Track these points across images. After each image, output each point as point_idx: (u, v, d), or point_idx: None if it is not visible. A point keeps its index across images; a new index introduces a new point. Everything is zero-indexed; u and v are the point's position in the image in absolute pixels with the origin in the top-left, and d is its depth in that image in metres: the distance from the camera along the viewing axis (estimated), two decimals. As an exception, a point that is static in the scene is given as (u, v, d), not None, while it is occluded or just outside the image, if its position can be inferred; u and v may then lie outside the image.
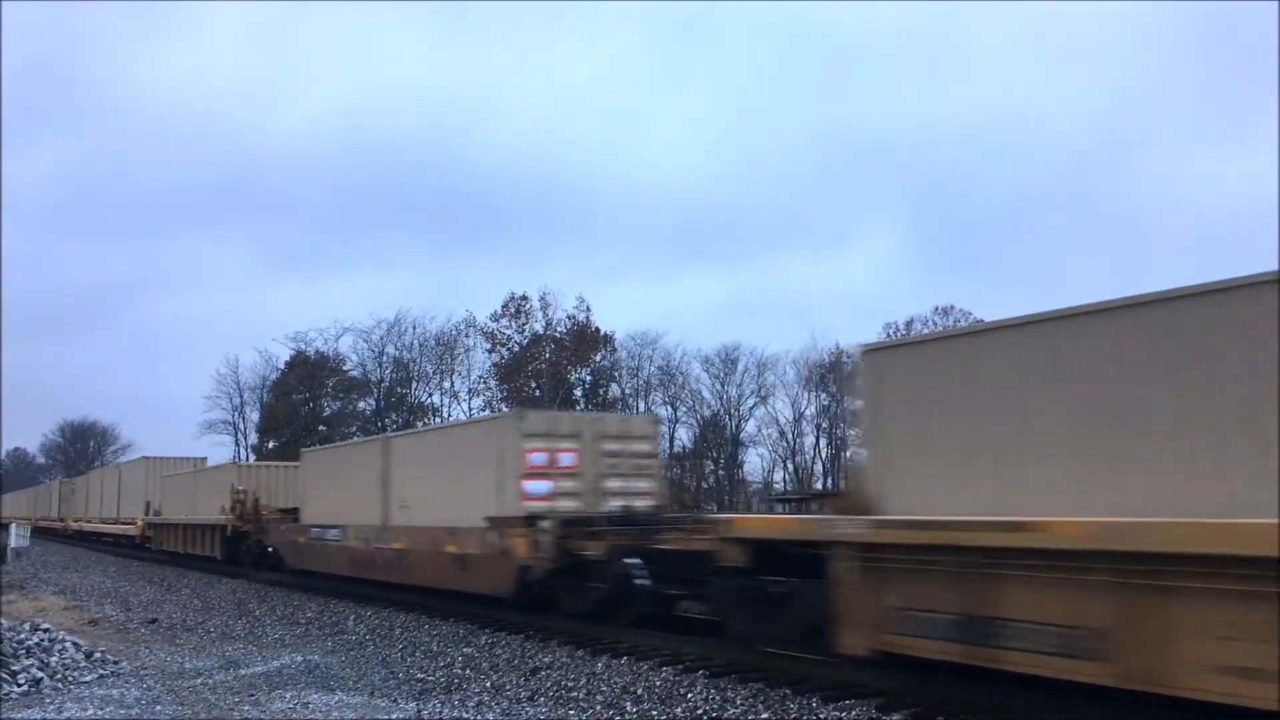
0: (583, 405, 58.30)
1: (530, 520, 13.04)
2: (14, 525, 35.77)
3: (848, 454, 60.24)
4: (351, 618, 15.25)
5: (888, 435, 8.72)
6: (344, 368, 65.07)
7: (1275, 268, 6.30)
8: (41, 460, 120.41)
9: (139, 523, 34.40)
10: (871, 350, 9.40)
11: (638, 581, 11.91)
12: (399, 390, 64.32)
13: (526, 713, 8.68)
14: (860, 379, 9.27)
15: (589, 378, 62.30)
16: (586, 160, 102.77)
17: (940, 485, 8.11)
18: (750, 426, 61.11)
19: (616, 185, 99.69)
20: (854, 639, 8.35)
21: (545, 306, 62.57)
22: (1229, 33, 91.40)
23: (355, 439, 43.11)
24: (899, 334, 59.28)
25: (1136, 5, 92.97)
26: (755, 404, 60.70)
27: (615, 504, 13.95)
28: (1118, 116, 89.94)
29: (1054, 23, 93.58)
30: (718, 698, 8.71)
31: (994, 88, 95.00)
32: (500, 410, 59.15)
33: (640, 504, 14.16)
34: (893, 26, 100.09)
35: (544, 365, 61.40)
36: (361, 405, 64.51)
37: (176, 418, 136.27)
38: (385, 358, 64.07)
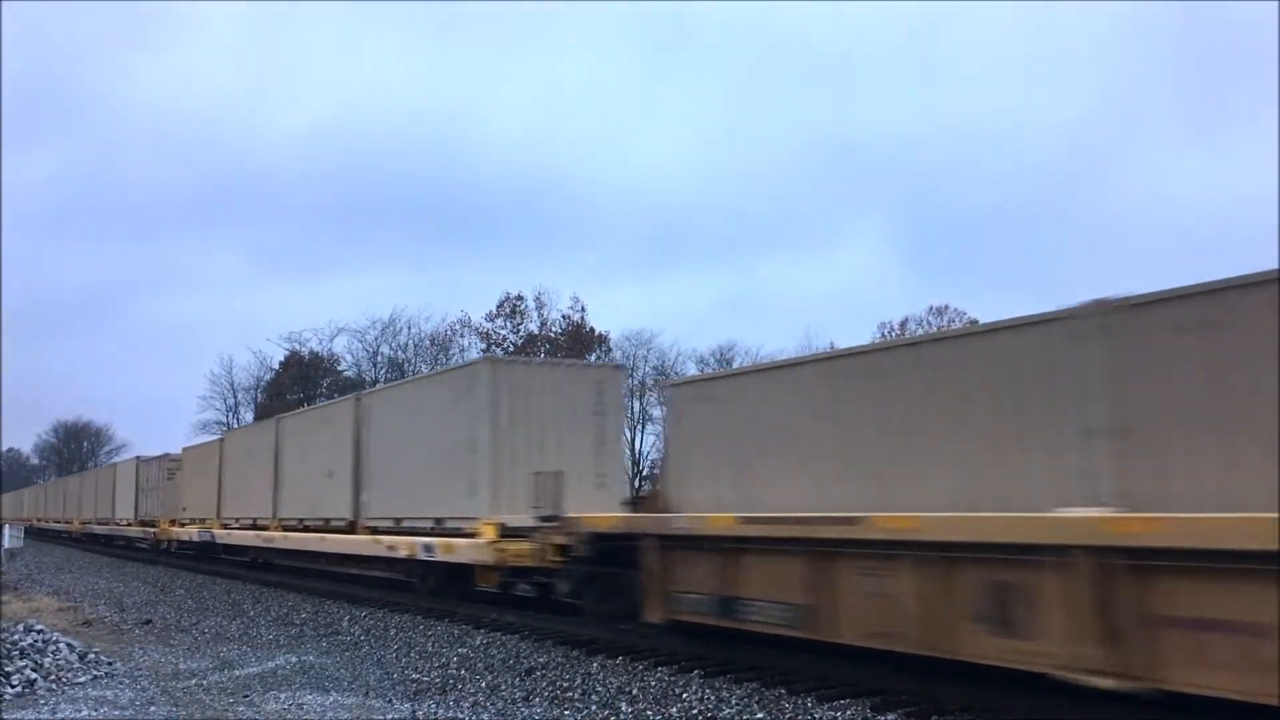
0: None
1: None
2: (8, 526, 35.65)
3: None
4: (346, 619, 15.24)
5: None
6: (338, 368, 64.99)
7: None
8: (35, 461, 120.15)
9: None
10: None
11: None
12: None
13: (522, 713, 8.68)
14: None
15: (584, 377, 62.21)
16: (578, 162, 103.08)
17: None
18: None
19: (608, 187, 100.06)
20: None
21: (540, 306, 62.57)
22: (1213, 35, 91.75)
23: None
24: (893, 334, 59.40)
25: (1120, 7, 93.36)
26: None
27: None
28: (1103, 119, 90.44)
29: (1038, 26, 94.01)
30: (713, 697, 8.71)
31: (979, 90, 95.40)
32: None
33: None
34: (878, 31, 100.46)
35: (539, 365, 61.29)
36: (356, 405, 64.34)
37: (171, 418, 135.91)
38: (380, 358, 64.06)
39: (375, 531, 17.48)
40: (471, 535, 14.06)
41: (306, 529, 20.38)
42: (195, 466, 29.35)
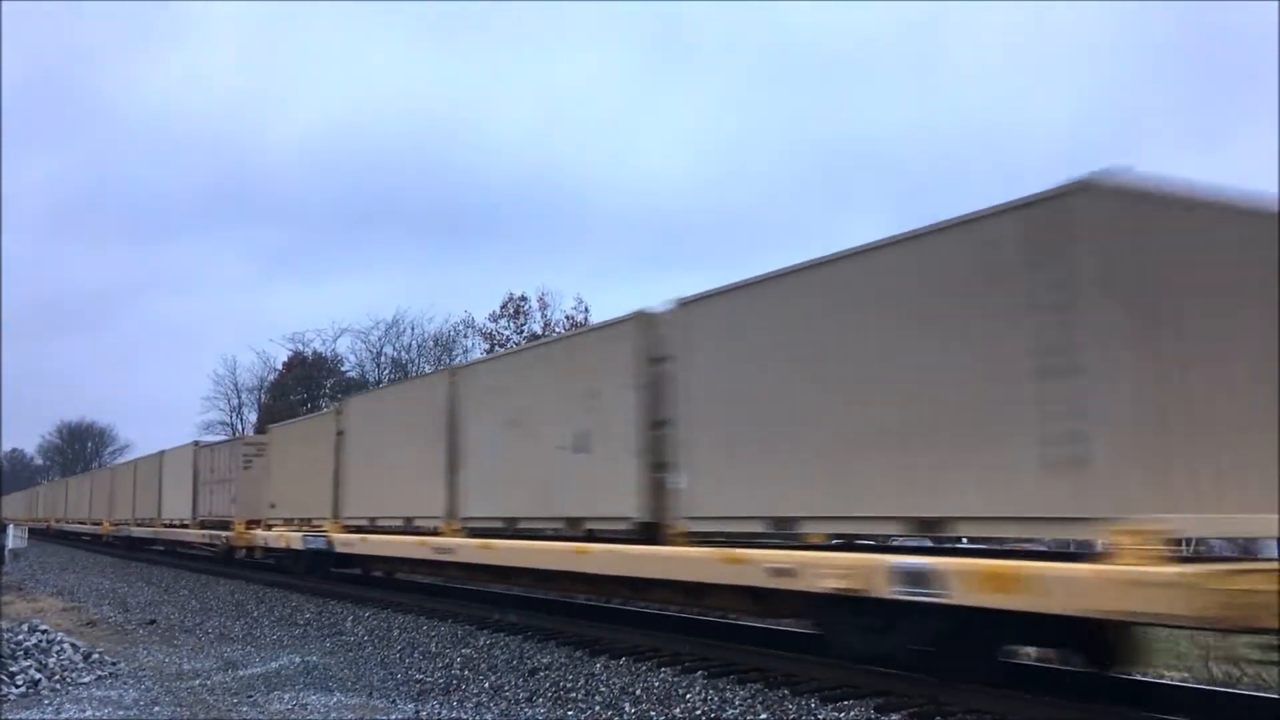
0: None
1: None
2: (11, 526, 35.63)
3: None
4: (350, 619, 15.24)
5: None
6: (342, 369, 65.04)
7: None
8: (39, 461, 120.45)
9: None
10: None
11: None
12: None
13: (525, 713, 8.68)
14: None
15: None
16: (580, 163, 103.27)
17: None
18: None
19: (610, 187, 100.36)
20: None
21: (543, 307, 62.56)
22: (1212, 37, 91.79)
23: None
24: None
25: (1120, 7, 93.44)
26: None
27: None
28: (1103, 119, 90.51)
29: (1037, 26, 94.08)
30: (716, 698, 8.70)
31: (979, 90, 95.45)
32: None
33: None
34: (878, 30, 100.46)
35: (542, 366, 61.18)
36: (359, 406, 64.32)
37: (173, 419, 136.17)
38: (383, 358, 64.07)
39: (713, 541, 9.99)
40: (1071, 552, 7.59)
41: (529, 535, 13.10)
42: (292, 449, 21.58)
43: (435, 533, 15.02)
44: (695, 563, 9.85)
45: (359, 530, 17.75)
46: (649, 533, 10.79)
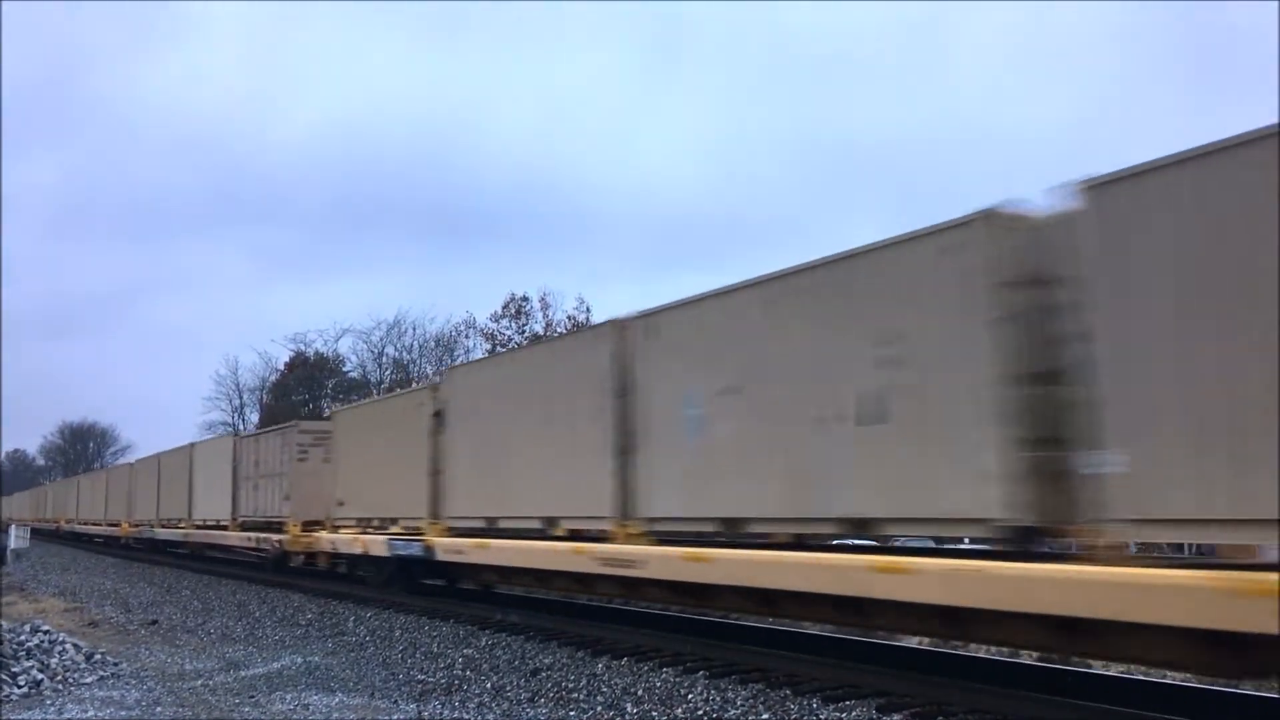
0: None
1: None
2: (13, 526, 35.62)
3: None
4: (351, 619, 15.25)
5: None
6: (343, 369, 65.09)
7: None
8: (41, 462, 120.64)
9: None
10: None
11: None
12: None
13: (527, 713, 8.68)
14: None
15: (589, 378, 62.06)
16: (581, 163, 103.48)
17: None
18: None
19: (611, 187, 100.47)
20: None
21: (545, 307, 62.55)
22: (1212, 37, 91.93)
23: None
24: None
25: (1121, 7, 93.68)
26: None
27: None
28: (1103, 119, 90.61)
29: (1037, 27, 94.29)
30: (718, 698, 8.70)
31: (979, 90, 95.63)
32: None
33: None
34: (878, 31, 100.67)
35: (544, 366, 61.10)
36: (361, 406, 64.31)
37: (175, 419, 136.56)
38: (385, 359, 64.12)
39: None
40: None
41: (757, 543, 10.08)
42: (367, 436, 18.09)
43: (598, 538, 11.72)
44: (1173, 593, 5.79)
45: (470, 534, 14.30)
46: (1024, 541, 7.29)
